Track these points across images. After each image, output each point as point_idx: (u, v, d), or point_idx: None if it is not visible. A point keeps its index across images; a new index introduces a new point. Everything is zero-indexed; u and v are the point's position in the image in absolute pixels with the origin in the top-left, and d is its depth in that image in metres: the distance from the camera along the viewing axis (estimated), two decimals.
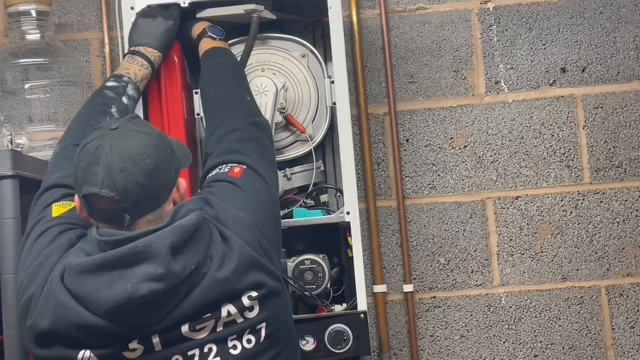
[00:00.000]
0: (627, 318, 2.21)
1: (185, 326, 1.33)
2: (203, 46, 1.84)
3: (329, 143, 2.06)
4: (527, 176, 2.23)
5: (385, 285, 2.19)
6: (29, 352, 1.37)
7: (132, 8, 1.88)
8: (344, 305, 1.89)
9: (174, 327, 1.32)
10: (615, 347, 2.20)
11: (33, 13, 2.04)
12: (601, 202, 2.23)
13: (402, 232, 2.20)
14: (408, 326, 2.20)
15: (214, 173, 1.55)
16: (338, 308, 1.88)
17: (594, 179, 2.23)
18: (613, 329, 2.20)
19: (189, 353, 1.33)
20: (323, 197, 1.98)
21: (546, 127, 2.24)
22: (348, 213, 1.86)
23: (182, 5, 1.89)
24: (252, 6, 1.89)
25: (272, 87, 1.88)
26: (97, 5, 2.26)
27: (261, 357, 1.38)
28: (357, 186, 1.95)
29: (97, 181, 1.31)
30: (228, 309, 1.35)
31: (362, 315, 1.83)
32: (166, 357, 1.33)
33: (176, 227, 1.32)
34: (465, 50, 2.26)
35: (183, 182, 1.43)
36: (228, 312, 1.35)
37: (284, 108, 1.91)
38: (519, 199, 2.23)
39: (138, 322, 1.31)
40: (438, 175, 2.24)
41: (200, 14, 1.92)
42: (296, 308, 1.88)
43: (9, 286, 1.58)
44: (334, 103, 1.91)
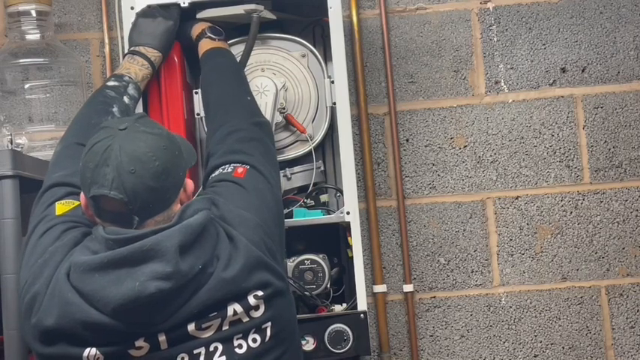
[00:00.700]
0: (627, 318, 2.21)
1: (191, 325, 1.33)
2: (203, 47, 1.84)
3: (329, 143, 2.05)
4: (527, 176, 2.23)
5: (385, 285, 2.19)
6: (33, 351, 1.36)
7: (132, 8, 1.88)
8: (344, 305, 1.89)
9: (180, 325, 1.32)
10: (615, 347, 2.20)
11: (33, 13, 2.04)
12: (601, 202, 2.23)
13: (402, 232, 2.20)
14: (408, 326, 2.20)
15: (217, 173, 1.55)
16: (338, 308, 1.88)
17: (594, 179, 2.23)
18: (613, 329, 2.20)
19: (195, 352, 1.33)
20: (323, 197, 1.98)
21: (546, 127, 2.24)
22: (348, 213, 1.86)
23: (182, 5, 1.89)
24: (252, 6, 1.89)
25: (272, 87, 1.88)
26: (97, 5, 2.26)
27: (266, 356, 1.38)
28: (357, 186, 1.94)
29: (107, 183, 1.31)
30: (234, 308, 1.35)
31: (362, 315, 1.83)
32: (172, 355, 1.33)
33: (184, 226, 1.32)
34: (465, 50, 2.26)
35: (190, 183, 1.44)
36: (234, 311, 1.35)
37: (284, 108, 1.91)
38: (519, 199, 2.23)
39: (144, 321, 1.31)
40: (438, 175, 2.24)
41: (200, 14, 1.92)
42: (296, 308, 1.87)
43: (9, 286, 1.57)
44: (334, 103, 1.91)
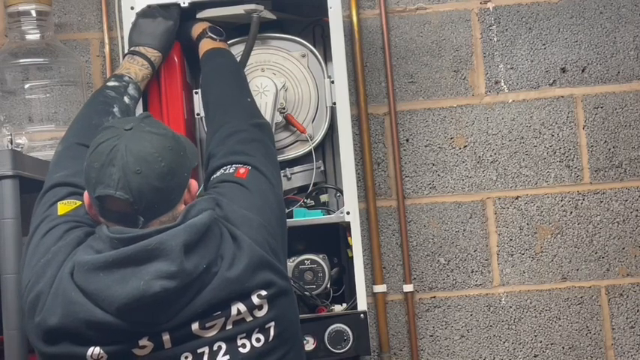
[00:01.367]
0: (627, 318, 2.21)
1: (195, 324, 1.33)
2: (203, 47, 1.84)
3: (329, 143, 2.05)
4: (527, 176, 2.23)
5: (385, 285, 2.19)
6: (36, 350, 1.36)
7: (132, 8, 1.88)
8: (344, 305, 1.89)
9: (184, 325, 1.32)
10: (615, 347, 2.20)
11: (33, 13, 2.04)
12: (601, 202, 2.23)
13: (402, 232, 2.20)
14: (408, 326, 2.20)
15: (219, 174, 1.56)
16: (338, 308, 1.88)
17: (594, 179, 2.23)
18: (613, 329, 2.20)
19: (198, 351, 1.33)
20: (323, 197, 1.98)
21: (546, 127, 2.24)
22: (348, 213, 1.86)
23: (182, 5, 1.89)
24: (252, 6, 1.89)
25: (272, 87, 1.88)
26: (97, 5, 2.26)
27: (269, 356, 1.38)
28: (357, 186, 1.95)
29: (112, 183, 1.31)
30: (237, 307, 1.35)
31: (362, 315, 1.83)
32: (176, 354, 1.33)
33: (189, 226, 1.33)
34: (465, 50, 2.26)
35: (194, 183, 1.44)
36: (237, 310, 1.35)
37: (284, 108, 1.91)
38: (519, 199, 2.23)
39: (149, 320, 1.31)
40: (438, 175, 2.24)
41: (200, 14, 1.92)
42: None
43: (9, 286, 1.57)
44: (334, 103, 1.91)
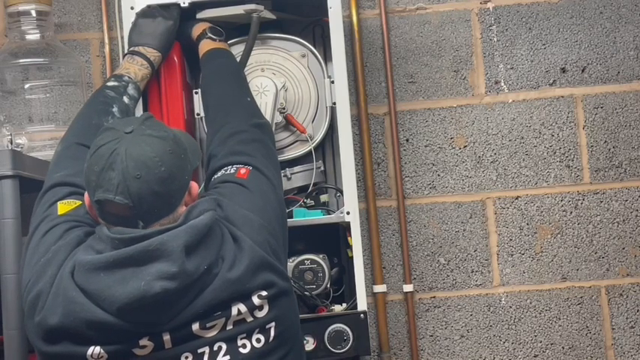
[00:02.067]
0: (627, 318, 2.21)
1: (196, 324, 1.33)
2: (203, 47, 1.84)
3: (329, 143, 2.05)
4: (527, 176, 2.23)
5: (385, 285, 2.19)
6: (36, 350, 1.36)
7: (132, 8, 1.88)
8: (344, 305, 1.89)
9: (185, 325, 1.32)
10: (615, 347, 2.20)
11: (33, 13, 2.04)
12: (601, 202, 2.23)
13: (402, 232, 2.20)
14: (408, 326, 2.20)
15: (220, 174, 1.56)
16: (338, 308, 1.88)
17: (594, 179, 2.23)
18: (613, 329, 2.20)
19: (199, 351, 1.34)
20: (323, 197, 1.98)
21: (546, 127, 2.24)
22: (348, 213, 1.85)
23: (182, 5, 1.89)
24: (252, 6, 1.89)
25: (272, 87, 1.88)
26: (97, 5, 2.26)
27: (270, 356, 1.38)
28: (357, 186, 1.94)
29: (112, 187, 1.32)
30: (238, 307, 1.35)
31: (362, 315, 1.83)
32: (176, 354, 1.33)
33: (190, 227, 1.33)
34: (465, 50, 2.26)
35: (194, 185, 1.44)
36: (238, 310, 1.35)
37: (284, 108, 1.91)
38: (519, 199, 2.23)
39: (149, 320, 1.31)
40: (438, 175, 2.24)
41: (200, 15, 1.92)
42: None
43: (9, 286, 1.57)
44: (334, 103, 1.91)
